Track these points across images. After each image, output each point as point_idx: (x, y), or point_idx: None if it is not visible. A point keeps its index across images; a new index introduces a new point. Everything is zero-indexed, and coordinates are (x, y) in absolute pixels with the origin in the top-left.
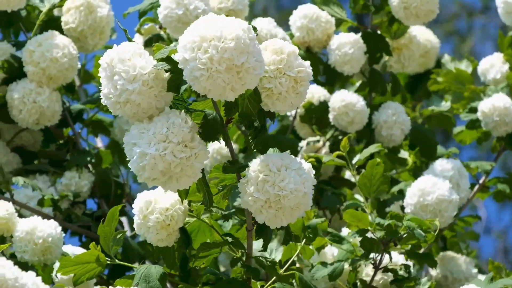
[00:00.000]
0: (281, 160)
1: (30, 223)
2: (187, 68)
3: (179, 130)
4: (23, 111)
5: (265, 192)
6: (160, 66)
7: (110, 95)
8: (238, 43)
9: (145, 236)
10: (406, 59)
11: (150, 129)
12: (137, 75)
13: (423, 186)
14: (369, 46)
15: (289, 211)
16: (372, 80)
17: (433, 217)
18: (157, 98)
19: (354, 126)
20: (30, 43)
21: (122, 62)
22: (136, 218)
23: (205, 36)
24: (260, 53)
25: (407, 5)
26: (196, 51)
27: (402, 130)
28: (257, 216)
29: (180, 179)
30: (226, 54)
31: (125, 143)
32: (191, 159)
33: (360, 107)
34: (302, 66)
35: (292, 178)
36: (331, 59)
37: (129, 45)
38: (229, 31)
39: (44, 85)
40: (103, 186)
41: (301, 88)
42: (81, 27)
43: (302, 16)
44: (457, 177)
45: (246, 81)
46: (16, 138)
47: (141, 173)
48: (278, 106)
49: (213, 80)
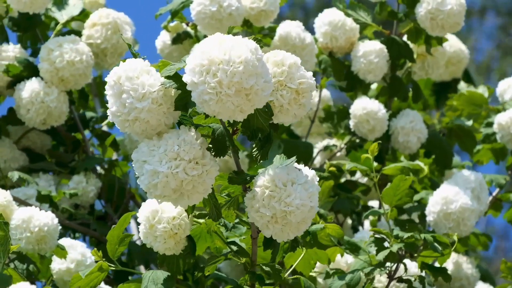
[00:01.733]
0: (287, 175)
1: (27, 211)
2: (196, 92)
3: (191, 148)
4: (31, 110)
5: (271, 208)
6: (168, 85)
7: (118, 113)
8: (247, 66)
9: (152, 245)
10: (430, 66)
11: (160, 146)
12: (146, 93)
13: (446, 194)
14: (391, 52)
15: (296, 226)
16: (393, 86)
17: (456, 225)
18: (166, 115)
19: (374, 134)
20: (50, 42)
21: (130, 80)
22: (142, 227)
23: (213, 60)
24: (268, 73)
25: (433, 16)
26: (205, 75)
27: (419, 138)
28: (264, 231)
29: (191, 196)
30: (235, 78)
31: (134, 160)
32: (203, 176)
33: (381, 115)
34: (304, 77)
35: (298, 194)
36: (355, 66)
37: (135, 62)
38: (238, 53)
39: (53, 85)
40: (110, 191)
41: (303, 100)
42: (104, 45)
43: (327, 23)
44: (478, 189)
45: (255, 102)
46: (23, 139)
47: (152, 190)
48: (280, 118)
49: (222, 104)
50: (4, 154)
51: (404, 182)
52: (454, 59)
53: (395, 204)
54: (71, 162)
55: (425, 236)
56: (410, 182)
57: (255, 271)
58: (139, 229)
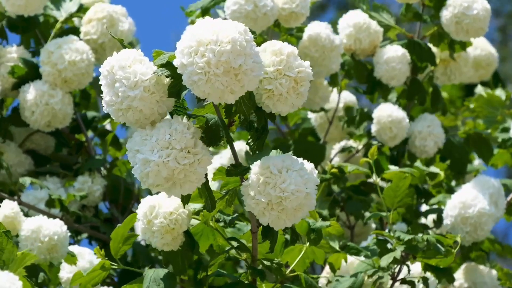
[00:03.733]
0: (282, 162)
1: (36, 221)
2: (185, 73)
3: (182, 137)
4: (36, 112)
5: (267, 195)
6: (160, 72)
7: (111, 103)
8: (235, 46)
9: (150, 241)
10: (452, 72)
11: (152, 135)
12: (138, 81)
13: (464, 199)
14: (413, 55)
15: (292, 212)
16: (412, 89)
17: (473, 230)
18: (159, 104)
19: (394, 141)
20: (50, 45)
21: (122, 69)
22: (140, 223)
23: (201, 41)
24: (258, 55)
25: (459, 20)
26: (193, 55)
27: (436, 143)
28: (261, 218)
29: (184, 185)
30: (223, 57)
31: (128, 149)
32: (194, 165)
33: (405, 124)
34: (302, 66)
35: (293, 179)
36: (378, 72)
37: (129, 51)
38: (225, 34)
39: (57, 87)
40: (114, 191)
41: (301, 89)
42: (102, 39)
43: (352, 25)
44: (496, 195)
45: (244, 83)
46: (27, 142)
47: (145, 179)
48: (279, 107)
49: (211, 84)
50: (10, 159)
51: (403, 181)
52: (484, 62)
53: (397, 205)
54: (76, 164)
55: (428, 238)
56: (409, 181)
57: (256, 267)
58: (138, 225)
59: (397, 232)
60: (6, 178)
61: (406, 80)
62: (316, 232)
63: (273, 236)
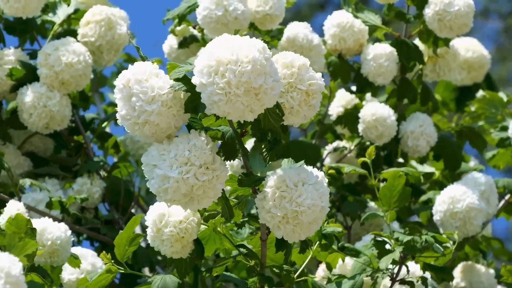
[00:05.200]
0: (298, 175)
1: (40, 224)
2: (205, 93)
3: (201, 153)
4: (34, 115)
5: (283, 208)
6: (177, 87)
7: (128, 116)
8: (255, 66)
9: (159, 248)
10: (441, 68)
11: (171, 151)
12: (155, 95)
13: (453, 194)
14: (401, 54)
15: (307, 226)
16: (402, 88)
17: (462, 224)
18: (176, 118)
19: (382, 140)
20: (47, 47)
21: (139, 83)
22: (149, 230)
23: (221, 60)
24: (277, 72)
25: (441, 18)
26: (213, 75)
27: (428, 142)
28: (275, 232)
29: (201, 201)
30: (243, 78)
31: (144, 164)
32: (213, 181)
33: (390, 122)
34: (314, 78)
35: (309, 194)
36: (364, 69)
37: (144, 64)
38: (245, 53)
39: (55, 89)
40: (113, 193)
41: (313, 101)
42: (99, 42)
43: (336, 25)
44: (488, 192)
45: (264, 101)
46: (26, 144)
47: (162, 195)
48: (291, 120)
49: (232, 104)
50: (9, 161)
51: (398, 180)
52: (476, 65)
53: (393, 206)
54: (75, 166)
55: (426, 238)
56: (404, 180)
57: (264, 273)
58: (147, 232)
59: (396, 233)
60: (6, 179)
61: (396, 80)
62: (327, 238)
63: (287, 248)
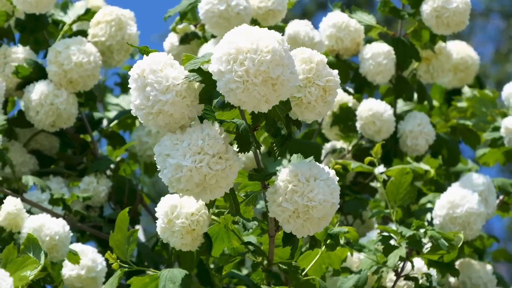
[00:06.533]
0: (310, 170)
1: (38, 220)
2: (222, 80)
3: (215, 142)
4: (40, 112)
5: (294, 203)
6: (192, 78)
7: (142, 106)
8: (274, 56)
9: (168, 240)
10: (435, 69)
11: (184, 140)
12: (170, 85)
13: (452, 199)
14: (398, 52)
15: (317, 221)
16: (398, 86)
17: (462, 229)
18: (189, 108)
19: (381, 135)
20: (58, 44)
21: (154, 73)
22: (160, 221)
23: (241, 49)
24: (294, 65)
25: (439, 14)
26: (232, 63)
27: (427, 141)
28: (285, 226)
29: (214, 191)
30: (262, 67)
31: (157, 153)
32: (226, 170)
33: (388, 116)
34: (331, 75)
35: (321, 189)
36: (363, 68)
37: (159, 55)
38: (265, 43)
39: (62, 87)
40: (119, 193)
41: (329, 97)
42: (109, 42)
43: (331, 25)
44: (486, 192)
45: (280, 93)
46: (32, 142)
47: (175, 184)
48: (306, 115)
49: (249, 93)
50: (15, 159)
51: (405, 177)
52: (462, 66)
53: (400, 202)
54: (80, 164)
55: (431, 233)
56: (411, 177)
57: (272, 270)
58: (157, 223)
59: (400, 227)
60: (10, 174)
61: (392, 78)
62: (333, 238)
63: (294, 243)
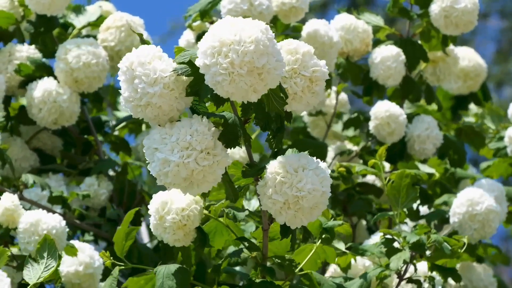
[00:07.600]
0: (298, 161)
1: (35, 215)
2: (208, 74)
3: (203, 138)
4: (43, 110)
5: (283, 194)
6: (180, 71)
7: (130, 99)
8: (258, 46)
9: (161, 237)
10: (441, 72)
11: (172, 135)
12: (157, 78)
13: (471, 196)
14: (406, 53)
15: (308, 211)
16: (406, 87)
17: (481, 227)
18: (178, 100)
19: (393, 137)
20: (69, 42)
21: (142, 65)
22: (152, 219)
23: (224, 41)
24: (280, 53)
25: (448, 14)
26: (217, 56)
27: (435, 144)
28: (277, 218)
29: (201, 185)
30: (246, 58)
31: (146, 146)
32: (214, 166)
33: (402, 120)
34: (317, 65)
35: (309, 178)
36: (374, 73)
37: (148, 48)
38: (248, 34)
39: (66, 85)
40: (122, 194)
41: (316, 88)
42: (119, 47)
43: (340, 28)
44: (500, 198)
45: (267, 81)
46: (34, 140)
47: (162, 178)
48: (293, 106)
49: (235, 84)
50: (15, 154)
51: (405, 179)
52: (472, 73)
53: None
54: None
55: (435, 238)
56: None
57: (266, 264)
58: (150, 221)
59: (404, 232)
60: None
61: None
62: (328, 231)
63: (292, 235)
